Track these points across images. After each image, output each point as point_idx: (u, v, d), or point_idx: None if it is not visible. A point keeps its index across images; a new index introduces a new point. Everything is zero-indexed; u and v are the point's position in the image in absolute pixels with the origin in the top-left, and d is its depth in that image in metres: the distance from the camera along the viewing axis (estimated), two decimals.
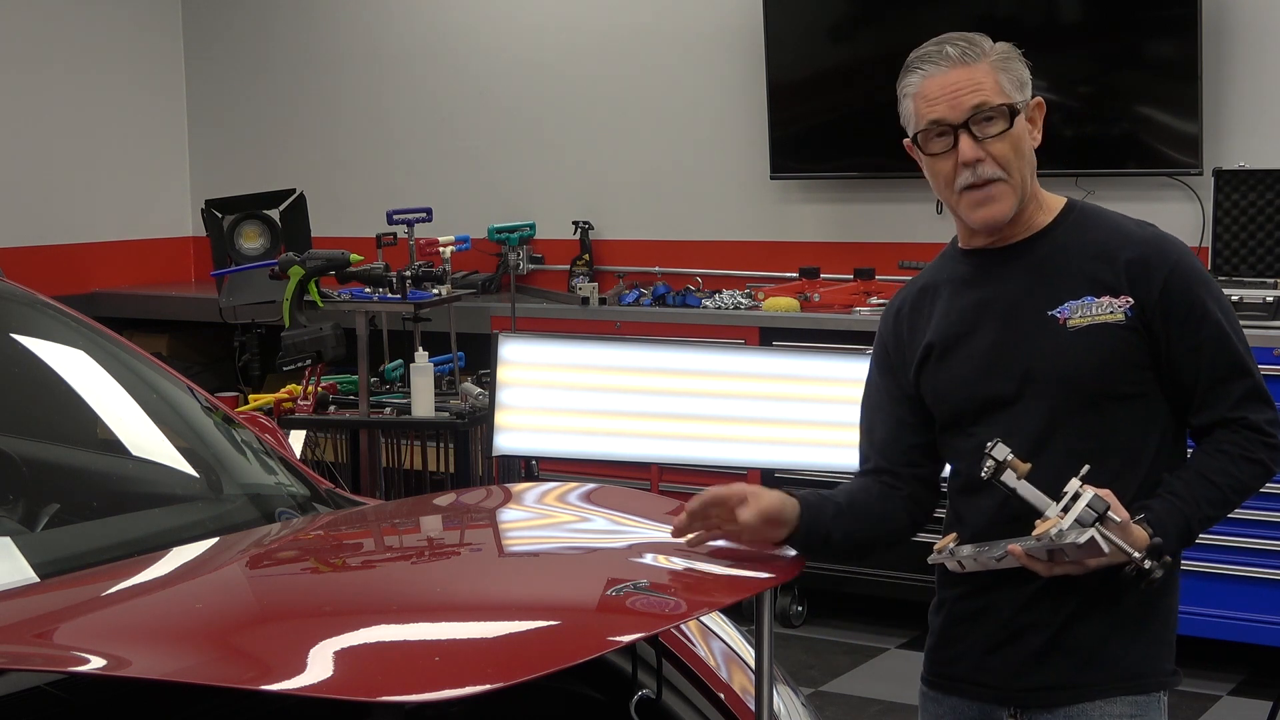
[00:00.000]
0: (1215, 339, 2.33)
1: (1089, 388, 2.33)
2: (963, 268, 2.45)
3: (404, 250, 5.41)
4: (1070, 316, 2.34)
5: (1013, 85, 2.35)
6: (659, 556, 2.27)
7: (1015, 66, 2.37)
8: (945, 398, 2.44)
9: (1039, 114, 2.40)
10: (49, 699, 2.12)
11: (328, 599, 2.17)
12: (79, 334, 3.01)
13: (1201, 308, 2.33)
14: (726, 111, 6.48)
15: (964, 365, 2.41)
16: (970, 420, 2.42)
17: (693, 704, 2.41)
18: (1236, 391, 2.34)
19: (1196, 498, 2.30)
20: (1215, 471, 2.32)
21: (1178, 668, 2.42)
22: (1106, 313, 2.33)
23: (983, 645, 2.42)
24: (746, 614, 2.29)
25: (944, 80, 2.34)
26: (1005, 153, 2.33)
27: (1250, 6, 5.44)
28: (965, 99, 2.32)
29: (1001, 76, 2.34)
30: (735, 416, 4.27)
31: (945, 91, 2.34)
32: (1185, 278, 2.34)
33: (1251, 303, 4.94)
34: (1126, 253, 2.35)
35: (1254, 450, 2.33)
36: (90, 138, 7.58)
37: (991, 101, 2.32)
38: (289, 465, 3.02)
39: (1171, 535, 2.26)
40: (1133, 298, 2.32)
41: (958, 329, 2.42)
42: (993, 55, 2.36)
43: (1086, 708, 2.36)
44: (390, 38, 7.37)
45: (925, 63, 2.36)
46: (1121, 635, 2.34)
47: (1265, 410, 2.34)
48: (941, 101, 2.34)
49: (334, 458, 5.41)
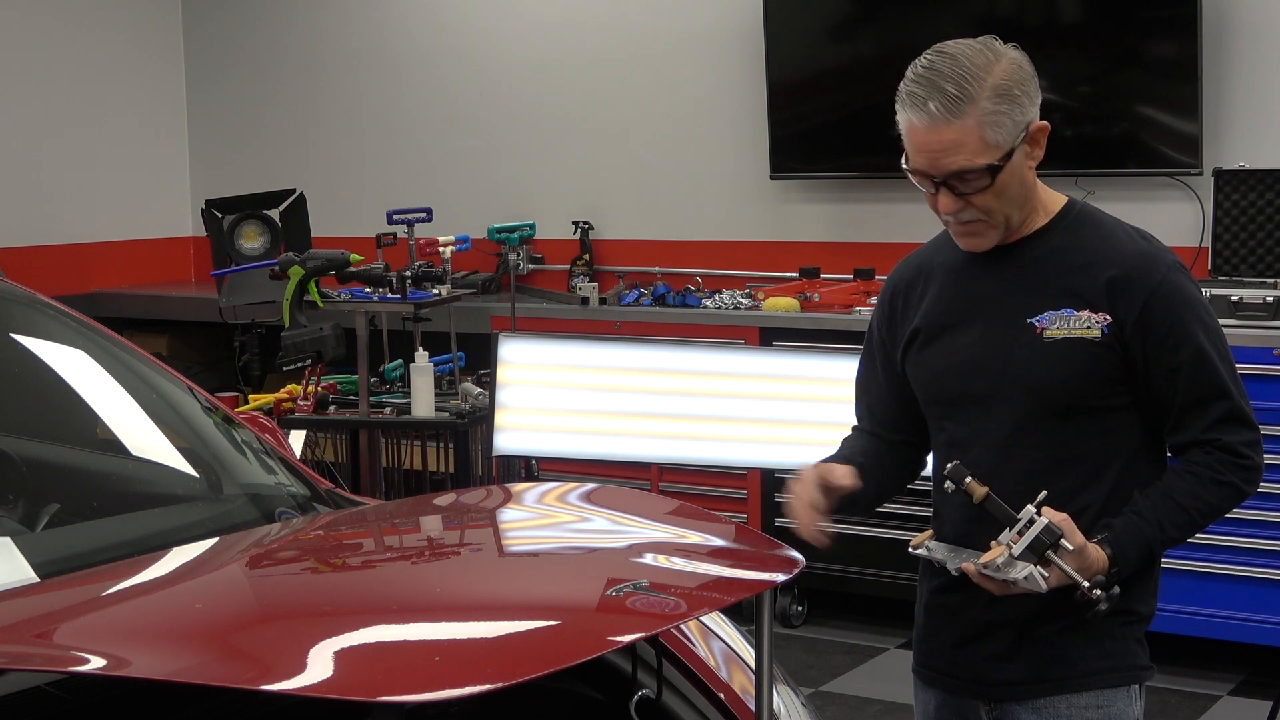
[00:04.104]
0: (1194, 361, 2.33)
1: (1058, 399, 2.34)
2: (960, 255, 2.46)
3: (404, 250, 5.41)
4: (1048, 327, 2.35)
5: (1003, 134, 2.26)
6: (659, 556, 2.28)
7: (1011, 110, 2.27)
8: (922, 386, 2.49)
9: (1041, 135, 2.33)
10: (49, 699, 2.12)
11: (328, 599, 2.17)
12: (79, 334, 3.01)
13: (1182, 330, 2.32)
14: (726, 111, 6.48)
15: (942, 358, 2.44)
16: (941, 413, 2.46)
17: (693, 704, 2.41)
18: (1213, 413, 2.33)
19: (1161, 519, 2.31)
20: (1183, 494, 2.33)
21: (1151, 662, 2.45)
22: (1083, 327, 2.33)
23: (955, 639, 2.47)
24: (746, 614, 2.29)
25: (926, 137, 2.27)
26: (987, 202, 2.31)
27: (1250, 6, 5.44)
28: (944, 161, 2.27)
29: (989, 131, 2.25)
30: (735, 416, 4.27)
31: (927, 148, 2.29)
32: (1167, 299, 2.32)
33: (1251, 303, 4.95)
34: (1110, 269, 2.34)
35: (1224, 472, 2.33)
36: (90, 138, 7.58)
37: (973, 165, 2.27)
38: (289, 465, 3.02)
39: (1131, 556, 2.29)
40: (1111, 315, 2.32)
41: (942, 320, 2.45)
42: (983, 102, 2.24)
43: (1054, 701, 2.39)
44: (390, 38, 7.37)
45: (913, 105, 2.27)
46: (1084, 634, 2.37)
47: (1241, 432, 2.34)
48: (923, 156, 2.30)
49: (334, 458, 5.41)
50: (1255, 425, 2.36)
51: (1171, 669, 4.84)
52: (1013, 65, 2.30)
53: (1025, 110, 2.29)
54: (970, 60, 2.27)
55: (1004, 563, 2.21)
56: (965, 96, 2.24)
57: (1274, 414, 4.66)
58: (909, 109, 2.29)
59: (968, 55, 2.28)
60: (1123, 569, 2.28)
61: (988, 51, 2.29)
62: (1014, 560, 2.21)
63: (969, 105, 2.24)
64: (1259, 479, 2.37)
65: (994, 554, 2.23)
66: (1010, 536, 2.22)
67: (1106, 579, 2.24)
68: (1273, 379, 4.77)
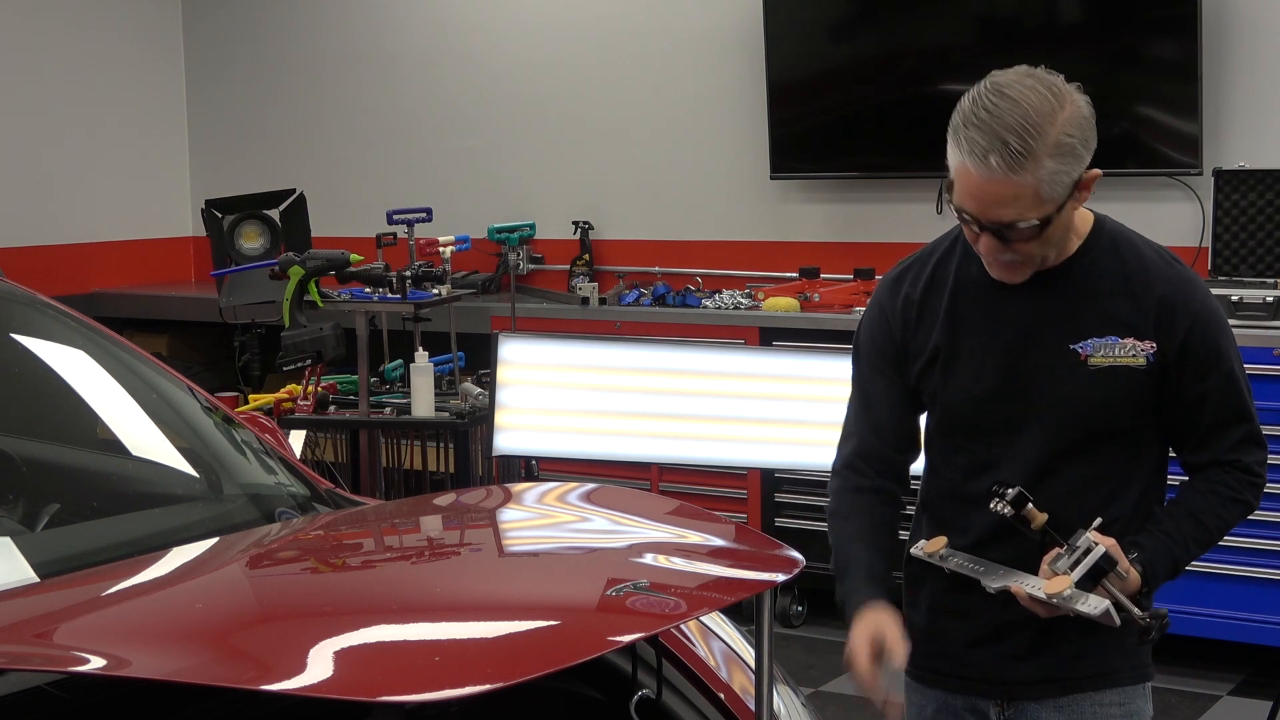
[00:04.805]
0: (1223, 386, 2.35)
1: (1098, 425, 2.35)
2: (984, 271, 2.37)
3: (404, 250, 5.41)
4: (1092, 354, 2.33)
5: (1059, 190, 2.20)
6: (659, 556, 2.28)
7: (1071, 168, 2.19)
8: (947, 408, 2.42)
9: (1093, 182, 2.24)
10: (49, 699, 2.12)
11: (328, 599, 2.17)
12: (79, 334, 3.01)
13: (1216, 355, 2.34)
14: (726, 111, 6.48)
15: (972, 382, 2.39)
16: (966, 436, 2.41)
17: (693, 704, 2.41)
18: (1235, 435, 2.37)
19: (1186, 538, 2.36)
20: (1206, 513, 2.37)
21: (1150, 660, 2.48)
22: (1129, 355, 2.32)
23: (968, 640, 2.45)
24: (746, 614, 2.29)
25: (982, 187, 2.19)
26: (1031, 249, 2.27)
27: (1250, 6, 5.44)
28: (997, 212, 2.20)
29: (1046, 189, 2.18)
30: (735, 416, 4.27)
31: (979, 197, 2.20)
32: (1207, 324, 2.34)
33: (1251, 303, 4.95)
34: (1155, 292, 2.32)
35: (1242, 491, 2.38)
36: (90, 138, 7.58)
37: (1025, 218, 2.21)
38: (289, 465, 3.02)
39: (1160, 575, 2.34)
40: (1156, 342, 2.32)
41: (969, 340, 2.39)
42: (1045, 160, 2.16)
43: (1077, 698, 2.41)
44: (391, 38, 7.37)
45: (971, 153, 2.18)
46: (1103, 632, 2.36)
47: (1258, 452, 2.39)
48: (973, 201, 2.22)
49: (334, 458, 5.41)
50: (1266, 445, 2.42)
51: (1171, 669, 4.84)
52: (1077, 113, 2.21)
53: (1083, 162, 2.22)
54: (1035, 110, 2.17)
55: (1073, 596, 2.22)
56: (1027, 153, 2.15)
57: (1274, 414, 4.66)
58: (966, 155, 2.19)
59: (1033, 104, 2.17)
60: (1153, 587, 2.32)
61: (1052, 99, 2.19)
62: (1088, 594, 2.22)
63: (1030, 162, 2.16)
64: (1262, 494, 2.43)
65: (1059, 585, 2.21)
66: (1068, 564, 2.23)
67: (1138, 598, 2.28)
68: (1273, 379, 4.77)
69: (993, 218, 2.22)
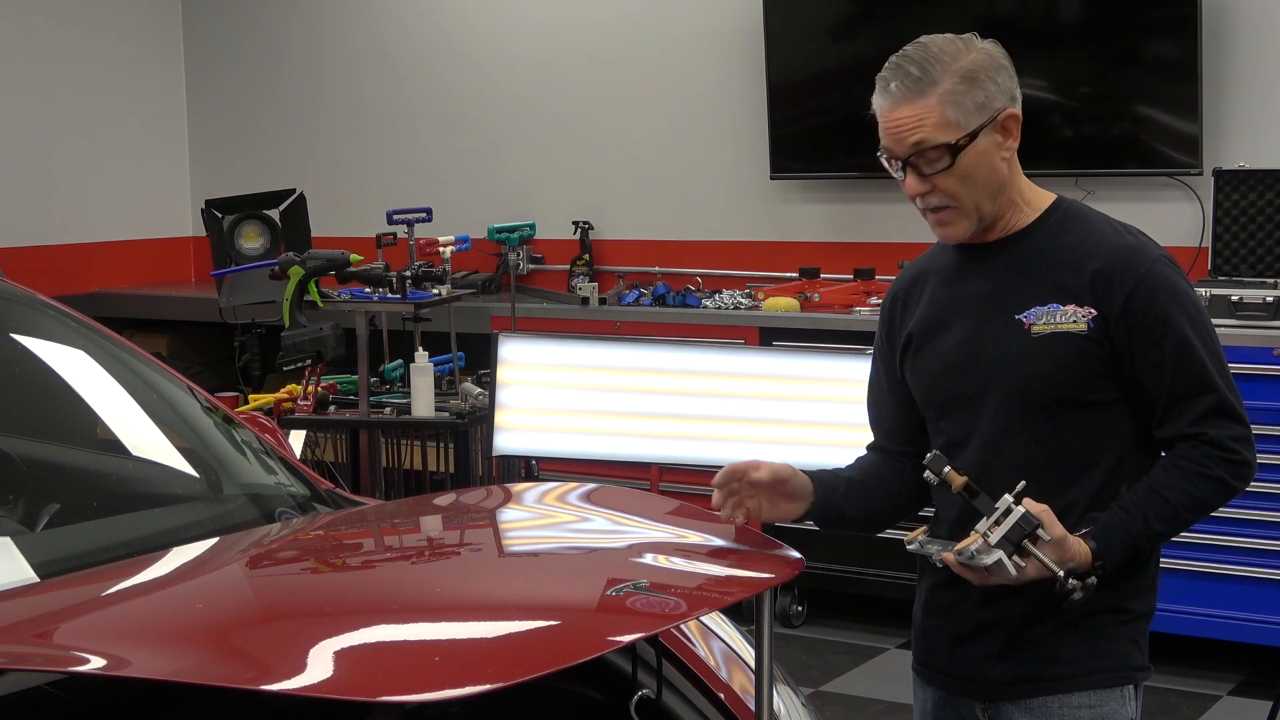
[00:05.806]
0: (1179, 353, 2.32)
1: (1047, 394, 2.35)
2: (951, 258, 2.48)
3: (404, 250, 5.41)
4: (1035, 322, 2.36)
5: (965, 114, 2.30)
6: (659, 556, 2.28)
7: (974, 92, 2.31)
8: (919, 389, 2.50)
9: (1013, 124, 2.35)
10: (49, 699, 2.12)
11: (328, 599, 2.17)
12: (79, 334, 3.01)
13: (1165, 322, 2.32)
14: (726, 111, 6.48)
15: (935, 360, 2.46)
16: (937, 415, 2.47)
17: (693, 704, 2.41)
18: (1199, 407, 2.33)
19: (1146, 514, 2.31)
20: (1167, 487, 2.32)
21: (1148, 663, 2.44)
22: (1069, 321, 2.34)
23: (952, 637, 2.48)
24: (746, 614, 2.29)
25: (891, 114, 2.34)
26: (951, 186, 2.34)
27: (1250, 6, 5.44)
28: (906, 137, 2.32)
29: (950, 109, 2.30)
30: (735, 416, 4.27)
31: (890, 125, 2.34)
32: (1152, 290, 2.32)
33: (1251, 303, 4.95)
34: (1095, 262, 2.35)
35: (1211, 466, 2.32)
36: (90, 138, 7.59)
37: (932, 140, 2.31)
38: (289, 465, 3.02)
39: (1116, 551, 2.29)
40: (1096, 309, 2.33)
41: (934, 322, 2.47)
42: (946, 83, 2.30)
43: (1047, 700, 2.40)
44: (391, 38, 7.37)
45: (880, 88, 2.34)
46: (1077, 633, 2.37)
47: (1229, 426, 2.33)
48: (887, 135, 2.35)
49: (334, 458, 5.41)
50: (1245, 420, 2.35)
51: (1171, 669, 4.84)
52: (983, 54, 2.34)
53: (992, 95, 2.32)
54: (939, 48, 2.33)
55: (979, 549, 2.21)
56: (927, 77, 2.30)
57: (1274, 414, 4.66)
58: (876, 93, 2.35)
59: (938, 44, 2.34)
60: (1108, 563, 2.27)
61: (959, 42, 2.35)
62: (990, 548, 2.20)
63: (930, 85, 2.30)
64: (1250, 475, 2.36)
65: (969, 541, 2.23)
66: (988, 525, 2.22)
67: (1089, 572, 2.24)
68: (1273, 379, 4.77)
69: (904, 144, 2.32)
